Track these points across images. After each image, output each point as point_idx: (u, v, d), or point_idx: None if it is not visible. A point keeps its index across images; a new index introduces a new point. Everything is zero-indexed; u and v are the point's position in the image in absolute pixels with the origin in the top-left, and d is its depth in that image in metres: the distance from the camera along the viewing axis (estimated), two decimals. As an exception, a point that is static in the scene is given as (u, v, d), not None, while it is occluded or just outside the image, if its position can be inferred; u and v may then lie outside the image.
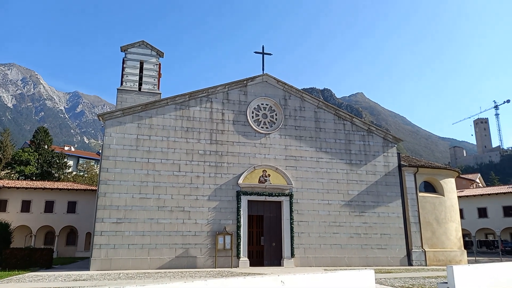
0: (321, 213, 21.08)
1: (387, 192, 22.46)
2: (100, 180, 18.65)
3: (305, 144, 21.91)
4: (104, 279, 13.71)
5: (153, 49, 24.32)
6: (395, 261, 21.43)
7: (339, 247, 20.88)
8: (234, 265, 18.98)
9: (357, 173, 22.28)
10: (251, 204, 20.32)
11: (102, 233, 17.90)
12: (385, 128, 68.59)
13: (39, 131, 55.78)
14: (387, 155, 23.19)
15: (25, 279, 13.91)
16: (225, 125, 20.95)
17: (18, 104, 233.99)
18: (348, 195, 21.76)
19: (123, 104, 22.21)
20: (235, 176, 20.26)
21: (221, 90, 21.41)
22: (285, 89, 22.55)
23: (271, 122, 21.89)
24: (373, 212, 21.91)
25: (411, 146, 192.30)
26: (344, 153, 22.45)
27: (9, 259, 18.49)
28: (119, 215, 18.29)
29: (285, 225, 20.34)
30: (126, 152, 19.14)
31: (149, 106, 20.06)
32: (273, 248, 20.28)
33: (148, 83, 23.69)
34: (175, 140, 19.99)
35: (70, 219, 36.27)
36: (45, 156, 52.16)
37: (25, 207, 35.41)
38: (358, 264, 20.73)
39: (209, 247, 19.02)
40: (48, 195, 36.26)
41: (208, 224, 19.32)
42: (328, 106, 23.26)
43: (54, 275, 15.10)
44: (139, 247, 18.18)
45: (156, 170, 19.30)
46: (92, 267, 17.36)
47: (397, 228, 22.02)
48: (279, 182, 20.80)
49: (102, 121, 19.54)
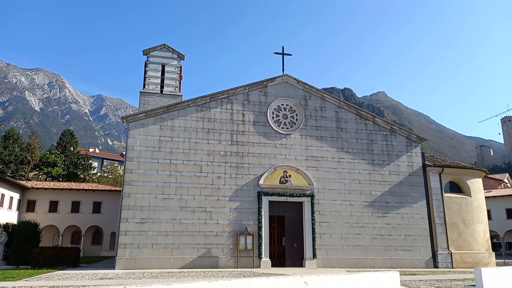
0: (343, 214, 20.86)
1: (411, 192, 22.02)
2: (125, 181, 19.05)
3: (326, 144, 21.74)
4: (129, 277, 14.00)
5: (174, 52, 24.67)
6: (420, 263, 20.98)
7: (362, 249, 20.61)
8: (256, 266, 19.02)
9: (380, 174, 21.94)
10: (272, 204, 20.32)
11: (126, 232, 18.28)
12: (408, 128, 67.26)
13: (65, 134, 57.50)
14: (411, 155, 22.74)
15: (54, 277, 14.35)
16: (245, 126, 21.04)
17: (45, 107, 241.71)
18: (370, 196, 21.46)
19: (146, 106, 22.62)
20: (256, 176, 20.31)
21: (242, 91, 21.51)
22: (305, 89, 22.45)
23: (291, 122, 21.84)
24: (397, 213, 21.52)
25: (435, 145, 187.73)
26: (366, 153, 22.15)
27: (38, 257, 19.12)
28: (143, 215, 18.64)
29: (306, 226, 20.24)
30: (149, 154, 19.49)
31: (171, 108, 20.36)
32: (295, 249, 20.21)
33: (169, 86, 24.03)
34: (196, 141, 20.22)
35: (95, 219, 37.21)
36: (71, 157, 53.68)
37: (53, 208, 36.55)
38: (381, 265, 20.40)
39: (231, 247, 19.13)
40: (74, 195, 37.32)
41: (230, 225, 19.44)
42: (350, 106, 23.01)
43: (81, 274, 15.53)
44: (162, 247, 18.47)
45: (178, 171, 19.57)
46: (117, 266, 17.75)
47: (421, 229, 21.55)
48: (300, 182, 20.72)
49: (126, 123, 19.96)
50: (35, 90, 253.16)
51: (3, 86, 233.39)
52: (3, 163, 48.06)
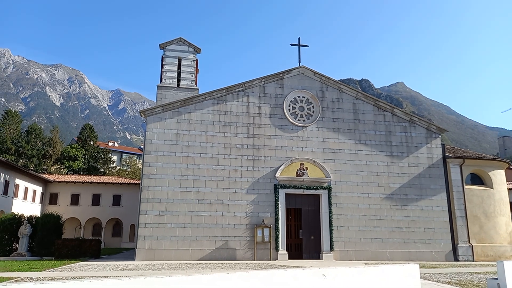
0: (361, 207, 20.68)
1: (431, 184, 21.64)
2: (143, 174, 19.35)
3: (343, 136, 21.53)
4: (149, 269, 14.27)
5: (190, 46, 24.77)
6: (440, 256, 20.67)
7: (380, 241, 20.43)
8: (273, 258, 19.11)
9: (399, 166, 21.62)
10: (289, 197, 20.31)
11: (146, 225, 18.61)
12: (427, 118, 65.95)
13: (85, 128, 58.72)
14: (431, 147, 22.30)
15: (76, 268, 14.76)
16: (262, 119, 21.00)
17: (65, 102, 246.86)
18: (389, 188, 21.19)
19: (163, 100, 22.83)
20: (273, 169, 20.30)
21: (258, 84, 21.44)
22: (322, 81, 22.22)
23: (308, 114, 21.68)
24: (416, 206, 21.20)
25: (456, 136, 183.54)
26: (384, 145, 21.84)
27: (61, 249, 19.66)
28: (162, 207, 18.91)
29: (323, 219, 20.17)
30: (166, 147, 19.70)
31: (188, 102, 20.48)
32: (312, 242, 20.19)
33: (186, 79, 24.18)
34: (213, 135, 20.32)
35: (115, 211, 38.03)
36: (91, 151, 54.83)
37: (74, 200, 37.54)
38: (400, 258, 20.19)
39: (248, 240, 19.25)
40: (95, 189, 38.19)
41: (247, 217, 19.54)
42: (367, 97, 22.67)
43: (103, 265, 15.91)
44: (180, 239, 18.73)
45: (196, 164, 19.74)
46: (137, 257, 18.11)
47: (441, 222, 21.20)
48: (317, 175, 20.61)
49: (144, 117, 20.21)
50: (56, 85, 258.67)
51: (25, 82, 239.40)
52: (26, 157, 49.47)
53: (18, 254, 19.97)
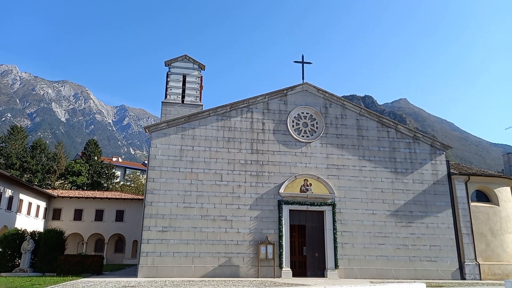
0: (366, 223, 20.49)
1: (436, 201, 21.45)
2: (147, 189, 19.34)
3: (347, 152, 21.50)
4: (151, 286, 14.11)
5: (195, 63, 25.08)
6: (446, 274, 20.32)
7: (385, 259, 20.15)
8: (276, 275, 18.86)
9: (403, 182, 21.50)
10: (293, 213, 20.17)
11: (149, 241, 18.50)
12: (431, 135, 65.84)
13: (90, 144, 59.06)
14: (435, 163, 22.21)
15: (78, 284, 14.62)
16: (265, 135, 21.07)
17: (70, 118, 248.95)
18: (394, 205, 21.03)
19: (167, 116, 22.99)
20: (276, 185, 20.25)
21: (261, 100, 21.59)
22: (325, 97, 22.35)
23: (311, 130, 21.73)
24: (421, 223, 20.98)
25: (460, 153, 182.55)
26: (388, 161, 21.77)
27: (63, 265, 19.53)
28: (165, 223, 18.83)
29: (328, 235, 19.97)
30: (170, 162, 19.74)
31: (192, 118, 20.62)
32: (316, 259, 19.94)
33: (190, 96, 24.40)
34: (217, 150, 20.37)
35: (118, 227, 37.86)
36: (95, 167, 54.99)
37: (77, 216, 37.47)
38: (406, 276, 19.87)
39: (252, 256, 19.05)
40: (98, 204, 38.13)
41: (250, 233, 19.39)
42: (371, 113, 22.73)
43: (105, 281, 15.76)
44: (183, 255, 18.57)
45: (199, 180, 19.72)
46: (140, 274, 17.94)
47: (447, 240, 20.92)
48: (321, 191, 20.51)
49: (148, 133, 20.33)
50: (61, 101, 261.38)
51: (31, 98, 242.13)
52: (31, 172, 49.64)
53: (20, 270, 19.85)
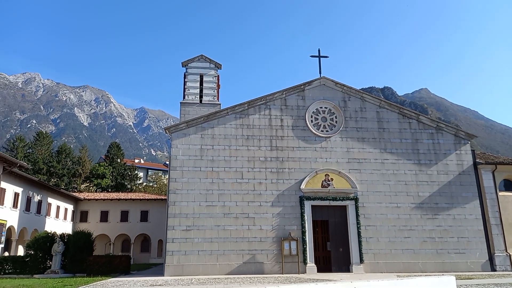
0: (390, 217, 20.20)
1: (462, 192, 20.93)
2: (169, 189, 19.62)
3: (368, 145, 21.22)
4: (178, 284, 14.34)
5: (211, 62, 25.24)
6: (475, 266, 19.83)
7: (412, 252, 19.82)
8: (301, 271, 18.83)
9: (427, 174, 21.06)
10: (315, 209, 20.08)
11: (173, 240, 18.78)
12: (455, 124, 64.23)
13: (112, 146, 60.32)
14: (460, 153, 21.65)
15: (108, 284, 15.00)
16: (284, 131, 21.00)
17: (92, 122, 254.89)
18: (418, 197, 20.63)
19: (186, 116, 23.24)
20: (297, 181, 20.18)
21: (279, 96, 21.53)
22: (343, 91, 22.09)
23: (331, 125, 21.54)
24: (448, 215, 20.52)
25: (485, 142, 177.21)
26: (411, 153, 21.37)
27: (92, 265, 20.06)
28: (188, 222, 19.07)
29: (351, 230, 19.79)
30: (191, 162, 19.95)
31: (211, 117, 20.76)
32: (341, 254, 19.80)
33: (208, 95, 24.57)
34: (236, 148, 20.45)
35: (143, 227, 38.58)
36: (118, 169, 56.14)
37: (104, 217, 38.37)
38: (433, 270, 19.49)
39: (275, 253, 19.08)
40: (123, 205, 38.94)
41: (273, 230, 19.41)
42: (391, 105, 22.34)
43: (133, 281, 16.11)
44: (208, 254, 18.78)
45: (220, 178, 19.87)
46: (166, 273, 18.25)
47: (476, 231, 20.40)
48: (343, 186, 20.32)
49: (169, 133, 20.60)
50: (83, 106, 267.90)
51: (55, 104, 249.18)
52: (57, 177, 51.12)
53: (52, 272, 20.49)
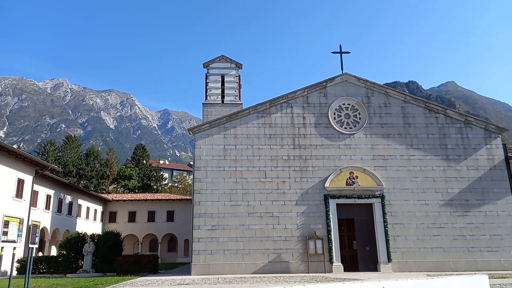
0: (418, 214, 19.73)
1: (494, 188, 20.19)
2: (194, 189, 19.87)
3: (393, 142, 20.79)
4: (205, 283, 14.52)
5: (232, 62, 25.38)
6: (509, 265, 19.09)
7: (442, 251, 19.29)
8: (327, 270, 18.67)
9: (456, 170, 20.43)
10: (340, 207, 19.85)
11: (199, 239, 19.01)
12: (484, 118, 62.00)
13: (138, 148, 61.64)
14: (491, 147, 20.89)
15: (137, 283, 15.35)
16: (307, 129, 20.86)
17: (118, 125, 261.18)
18: (447, 194, 20.05)
19: (209, 117, 23.46)
20: (321, 179, 20.01)
21: (301, 94, 21.40)
22: (367, 87, 21.72)
23: (354, 122, 21.23)
24: (479, 211, 19.85)
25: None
26: (439, 148, 20.78)
27: (121, 265, 20.59)
28: (213, 222, 19.25)
29: (378, 228, 19.46)
30: (215, 162, 20.13)
31: (233, 117, 20.87)
32: (367, 253, 19.50)
33: (230, 95, 24.73)
34: (259, 148, 20.47)
35: (169, 227, 39.26)
36: (144, 170, 57.31)
37: (131, 218, 39.28)
38: (465, 268, 18.91)
39: (301, 252, 18.99)
40: (150, 206, 39.75)
41: (298, 229, 19.33)
42: (416, 100, 21.79)
43: (161, 280, 16.42)
44: (233, 253, 18.90)
45: (244, 178, 19.94)
46: (193, 272, 18.49)
47: (509, 228, 19.64)
48: (368, 183, 20.00)
49: (192, 134, 20.85)
50: (109, 109, 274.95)
51: (82, 108, 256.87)
52: (87, 179, 52.70)
53: (84, 271, 21.15)
